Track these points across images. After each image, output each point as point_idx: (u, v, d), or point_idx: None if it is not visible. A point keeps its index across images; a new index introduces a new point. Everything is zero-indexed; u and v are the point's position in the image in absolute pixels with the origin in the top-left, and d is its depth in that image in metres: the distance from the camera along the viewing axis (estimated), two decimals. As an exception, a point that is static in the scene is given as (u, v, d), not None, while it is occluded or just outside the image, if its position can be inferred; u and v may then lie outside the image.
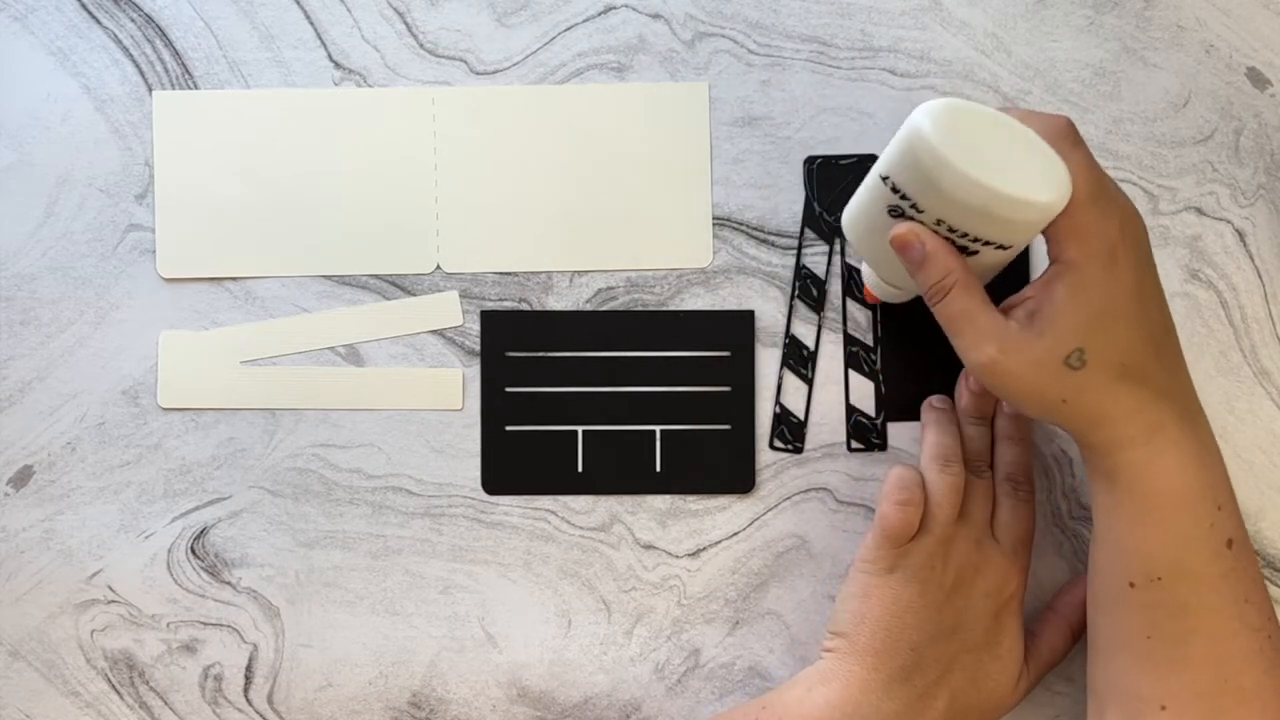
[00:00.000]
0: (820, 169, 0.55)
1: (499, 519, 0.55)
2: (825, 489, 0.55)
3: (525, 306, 0.56)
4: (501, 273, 0.56)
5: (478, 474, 0.56)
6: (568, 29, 0.56)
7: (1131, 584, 0.45)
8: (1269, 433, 0.55)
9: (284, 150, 0.56)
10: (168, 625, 0.55)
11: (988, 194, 0.42)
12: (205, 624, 0.55)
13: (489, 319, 0.56)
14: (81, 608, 0.55)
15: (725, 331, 0.55)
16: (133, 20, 0.56)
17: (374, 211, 0.56)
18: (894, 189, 0.44)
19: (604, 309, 0.56)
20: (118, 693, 0.55)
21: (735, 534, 0.55)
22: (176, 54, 0.56)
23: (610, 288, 0.56)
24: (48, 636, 0.55)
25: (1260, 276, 0.55)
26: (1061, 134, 0.44)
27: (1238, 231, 0.55)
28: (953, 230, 0.44)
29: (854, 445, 0.55)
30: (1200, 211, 0.55)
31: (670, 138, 0.56)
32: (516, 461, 0.55)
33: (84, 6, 0.56)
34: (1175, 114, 0.56)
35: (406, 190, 0.56)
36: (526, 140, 0.56)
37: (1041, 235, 0.44)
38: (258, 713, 0.55)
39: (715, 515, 0.55)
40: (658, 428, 0.55)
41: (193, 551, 0.55)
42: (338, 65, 0.56)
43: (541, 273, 0.56)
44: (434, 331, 0.56)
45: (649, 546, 0.55)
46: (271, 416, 0.56)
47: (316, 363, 0.56)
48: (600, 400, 0.55)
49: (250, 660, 0.55)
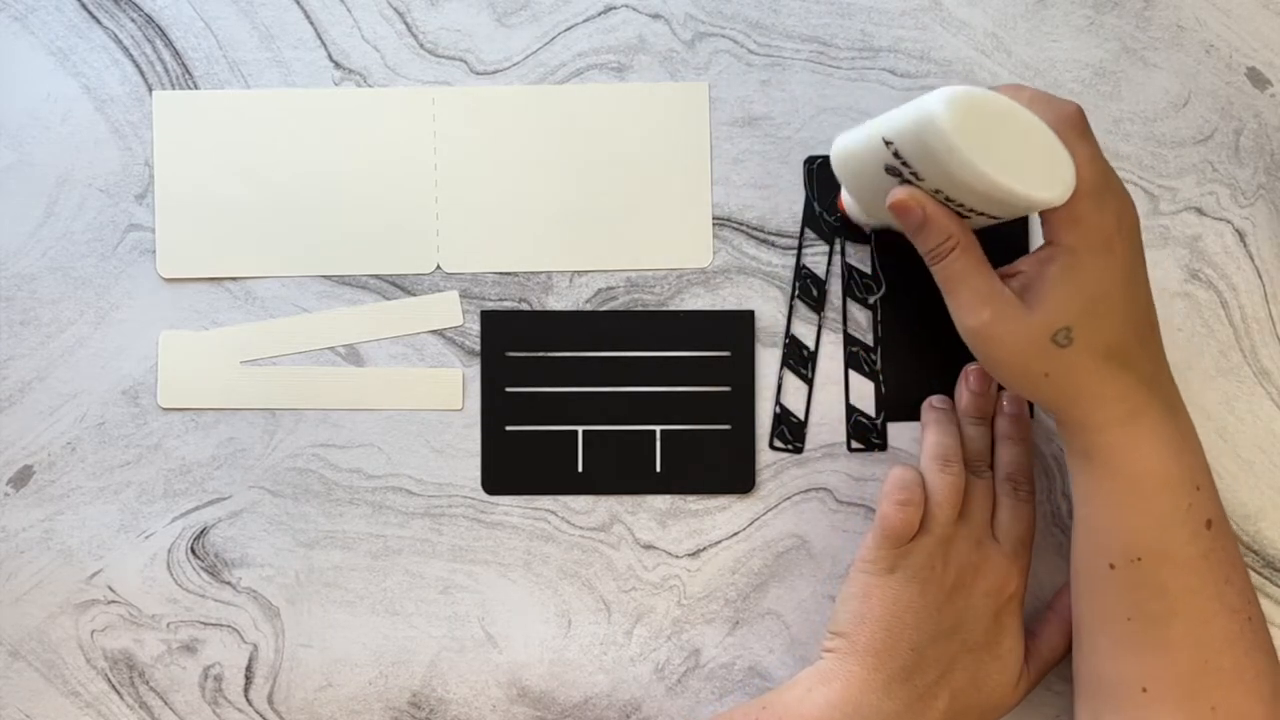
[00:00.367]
0: (820, 169, 0.55)
1: (499, 519, 0.55)
2: (825, 489, 0.55)
3: (525, 306, 0.56)
4: (501, 273, 0.56)
5: (478, 474, 0.56)
6: (568, 29, 0.56)
7: (1111, 565, 0.46)
8: (1269, 433, 0.55)
9: (284, 150, 0.56)
10: (168, 625, 0.55)
11: (992, 185, 0.42)
12: (205, 624, 0.55)
13: (489, 319, 0.56)
14: (81, 608, 0.55)
15: (725, 331, 0.55)
16: (133, 20, 0.56)
17: (374, 211, 0.56)
18: (896, 155, 0.44)
19: (604, 309, 0.56)
20: (118, 693, 0.55)
21: (735, 534, 0.55)
22: (176, 54, 0.56)
23: (610, 288, 0.56)
24: (48, 636, 0.55)
25: (1260, 276, 0.55)
26: (1070, 123, 0.45)
27: (1238, 231, 0.55)
28: (949, 200, 0.44)
29: (854, 445, 0.55)
30: (1200, 211, 0.55)
31: (670, 138, 0.56)
32: (516, 461, 0.55)
33: (84, 6, 0.56)
34: (1175, 114, 0.56)
35: (406, 190, 0.56)
36: (526, 140, 0.56)
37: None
38: (258, 713, 0.55)
39: (715, 515, 0.55)
40: (658, 428, 0.55)
41: (193, 551, 0.55)
42: (338, 65, 0.56)
43: (541, 273, 0.56)
44: (434, 331, 0.56)
45: (649, 546, 0.55)
46: (271, 416, 0.56)
47: (316, 363, 0.56)
48: (600, 400, 0.55)
49: (250, 660, 0.55)
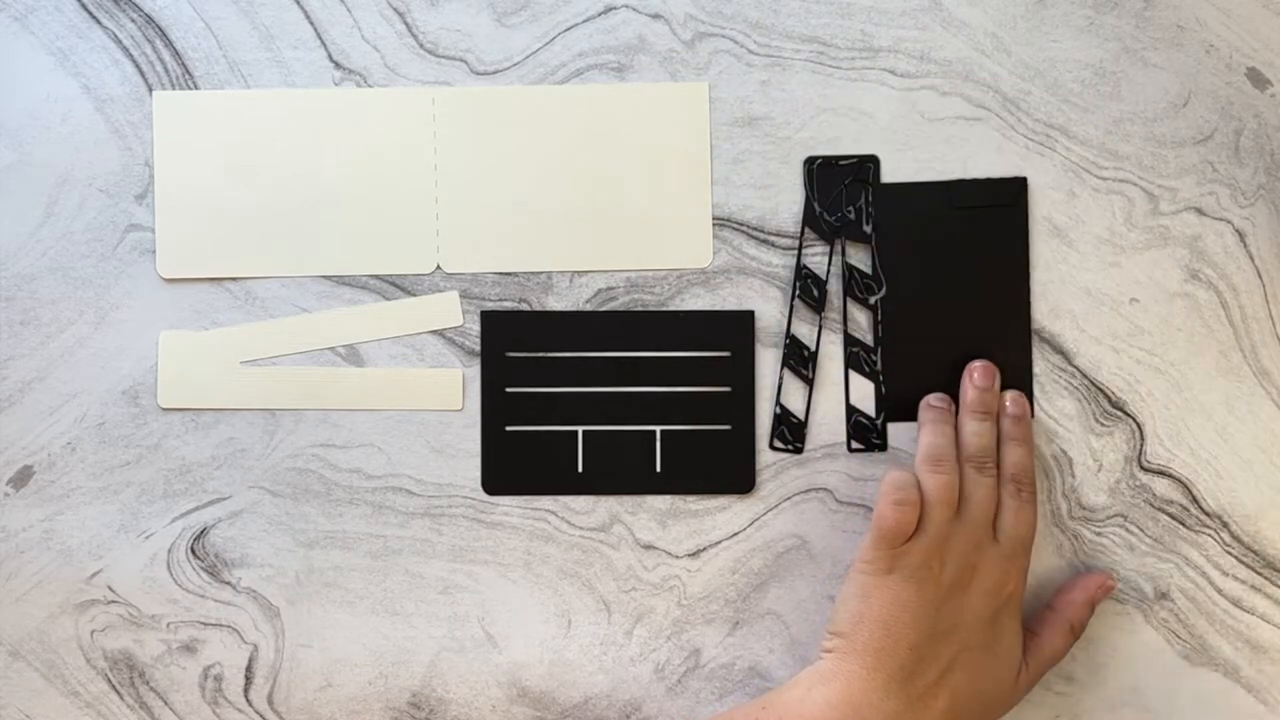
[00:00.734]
0: (820, 169, 0.55)
1: (499, 519, 0.55)
2: (825, 489, 0.55)
3: (525, 306, 0.56)
4: (501, 273, 0.56)
5: (478, 474, 0.56)
6: (568, 29, 0.56)
7: None
8: (1269, 433, 0.55)
9: (284, 150, 0.56)
10: (168, 625, 0.55)
11: None
12: (205, 624, 0.55)
13: (489, 319, 0.56)
14: (81, 608, 0.55)
15: (725, 331, 0.55)
16: (133, 20, 0.56)
17: (374, 211, 0.56)
18: None
19: (604, 309, 0.56)
20: (118, 693, 0.55)
21: (735, 534, 0.55)
22: (176, 54, 0.56)
23: (610, 288, 0.56)
24: (48, 636, 0.55)
25: (1260, 276, 0.55)
26: None
27: (1238, 231, 0.55)
28: None
29: (854, 446, 0.55)
30: (1200, 211, 0.55)
31: (670, 138, 0.56)
32: (516, 461, 0.55)
33: (84, 6, 0.56)
34: (1175, 114, 0.56)
35: (406, 190, 0.56)
36: (526, 140, 0.56)
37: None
38: (258, 713, 0.55)
39: (715, 515, 0.55)
40: (658, 428, 0.55)
41: (193, 552, 0.55)
42: (338, 65, 0.56)
43: (541, 273, 0.56)
44: (434, 331, 0.56)
45: (649, 547, 0.55)
46: (271, 416, 0.56)
47: (316, 363, 0.56)
48: (600, 400, 0.55)
49: (250, 660, 0.55)
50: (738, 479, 0.55)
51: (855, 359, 0.55)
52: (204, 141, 0.56)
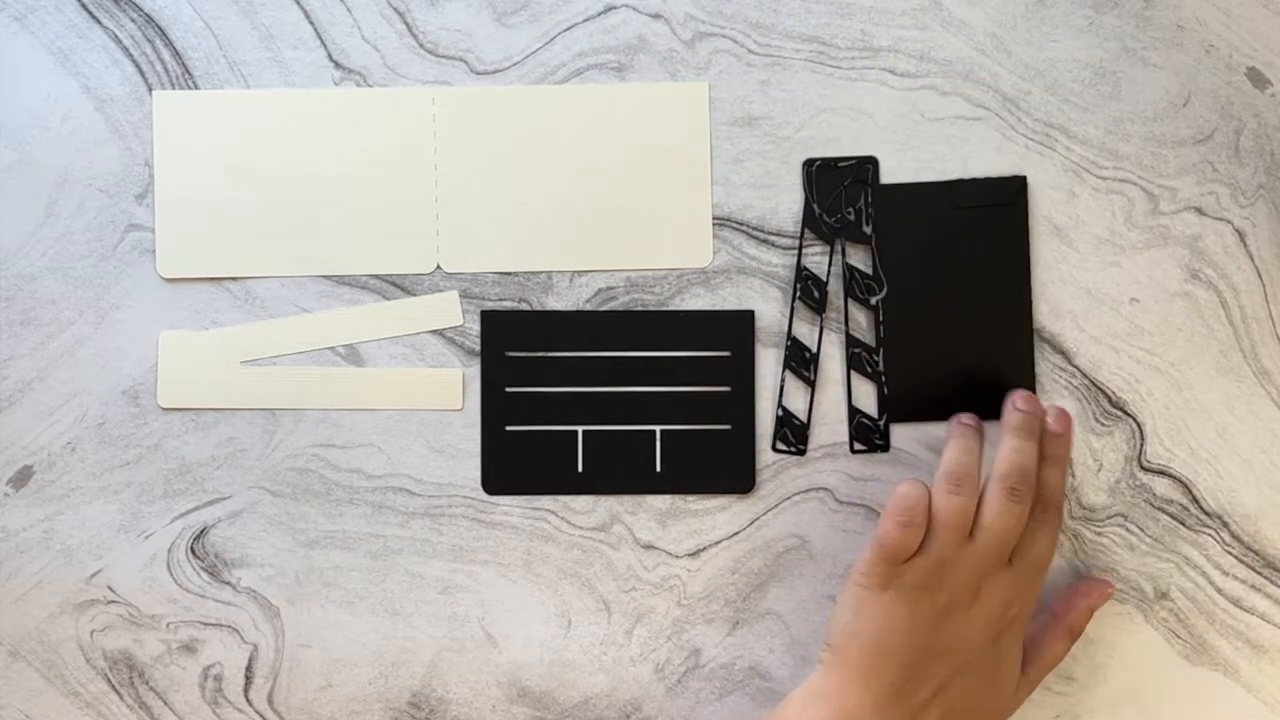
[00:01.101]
0: (819, 171, 0.55)
1: (499, 519, 0.55)
2: (825, 489, 0.55)
3: (525, 306, 0.56)
4: (501, 273, 0.56)
5: (478, 474, 0.56)
6: (568, 29, 0.56)
7: None
8: (1269, 433, 0.55)
9: (284, 150, 0.56)
10: (168, 625, 0.55)
11: None
12: (205, 624, 0.55)
13: (489, 319, 0.56)
14: (81, 608, 0.55)
15: (725, 331, 0.55)
16: (133, 20, 0.56)
17: (374, 211, 0.56)
18: None
19: (604, 309, 0.56)
20: (118, 693, 0.55)
21: (735, 534, 0.55)
22: (176, 54, 0.56)
23: (610, 288, 0.56)
24: (48, 636, 0.55)
25: (1260, 276, 0.55)
26: None
27: (1238, 231, 0.55)
28: None
29: (857, 447, 0.55)
30: (1200, 211, 0.55)
31: (670, 138, 0.56)
32: (516, 461, 0.55)
33: (84, 6, 0.56)
34: (1175, 114, 0.56)
35: (406, 190, 0.56)
36: (526, 140, 0.56)
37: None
38: (258, 713, 0.55)
39: (715, 515, 0.55)
40: (658, 428, 0.55)
41: (193, 551, 0.55)
42: (338, 65, 0.56)
43: (541, 273, 0.56)
44: (434, 331, 0.56)
45: (649, 546, 0.55)
46: (271, 416, 0.56)
47: (316, 363, 0.56)
48: (600, 400, 0.55)
49: (250, 660, 0.55)
50: (738, 479, 0.55)
51: (857, 360, 0.55)
52: (204, 141, 0.56)
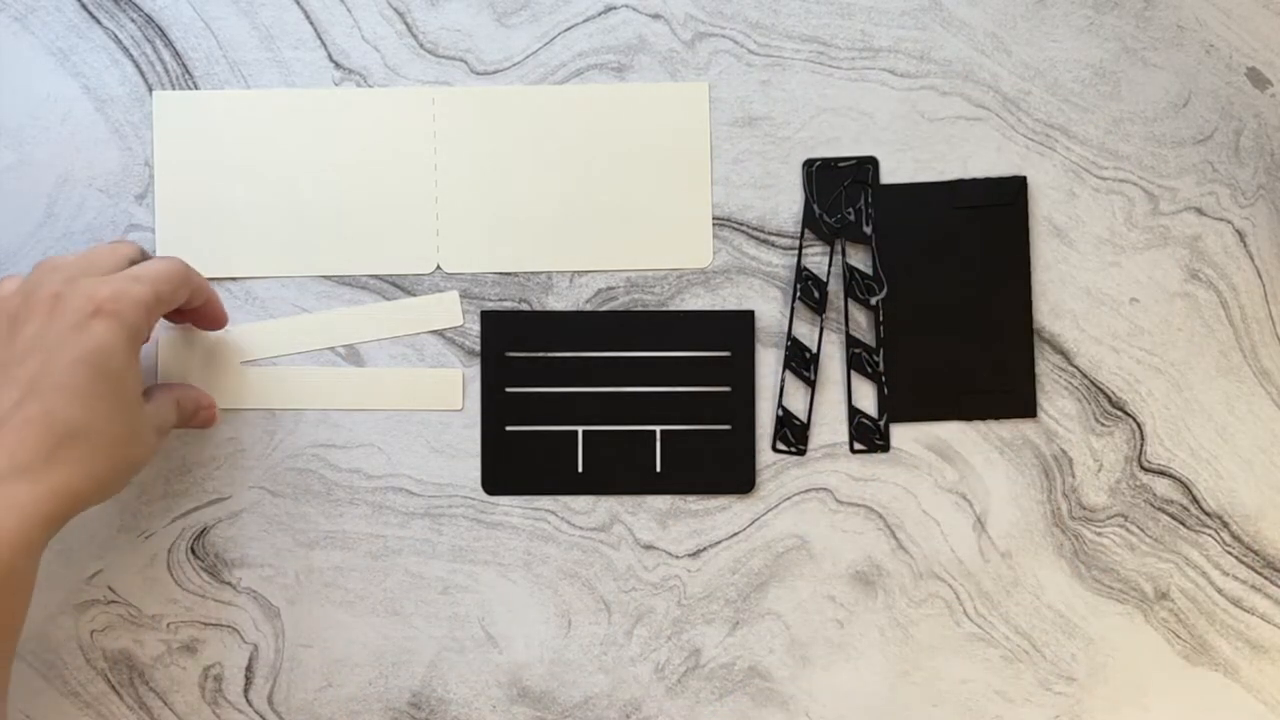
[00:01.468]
0: (819, 172, 0.55)
1: (499, 519, 0.55)
2: (825, 489, 0.55)
3: (525, 306, 0.56)
4: (501, 273, 0.56)
5: (478, 474, 0.56)
6: (568, 29, 0.56)
7: None
8: (1269, 433, 0.55)
9: (284, 150, 0.56)
10: (168, 625, 0.55)
11: None
12: (205, 624, 0.55)
13: (489, 319, 0.56)
14: (81, 608, 0.55)
15: (725, 331, 0.55)
16: (133, 20, 0.56)
17: (374, 211, 0.56)
18: None
19: (604, 309, 0.56)
20: (117, 693, 0.55)
21: (735, 534, 0.55)
22: (176, 54, 0.56)
23: (610, 288, 0.56)
24: (48, 636, 0.55)
25: (1260, 276, 0.55)
26: None
27: (1238, 231, 0.55)
28: None
29: (857, 447, 0.55)
30: (1200, 211, 0.55)
31: (670, 138, 0.56)
32: (516, 461, 0.55)
33: (84, 6, 0.56)
34: (1175, 114, 0.56)
35: (406, 190, 0.56)
36: (526, 140, 0.56)
37: None
38: (258, 713, 0.55)
39: (715, 515, 0.55)
40: (658, 428, 0.55)
41: (193, 551, 0.55)
42: (338, 65, 0.56)
43: (541, 273, 0.56)
44: (434, 331, 0.56)
45: (649, 546, 0.55)
46: (271, 416, 0.56)
47: (316, 363, 0.56)
48: (600, 400, 0.55)
49: (250, 660, 0.55)
50: (738, 479, 0.55)
51: (857, 360, 0.55)
52: (204, 141, 0.56)
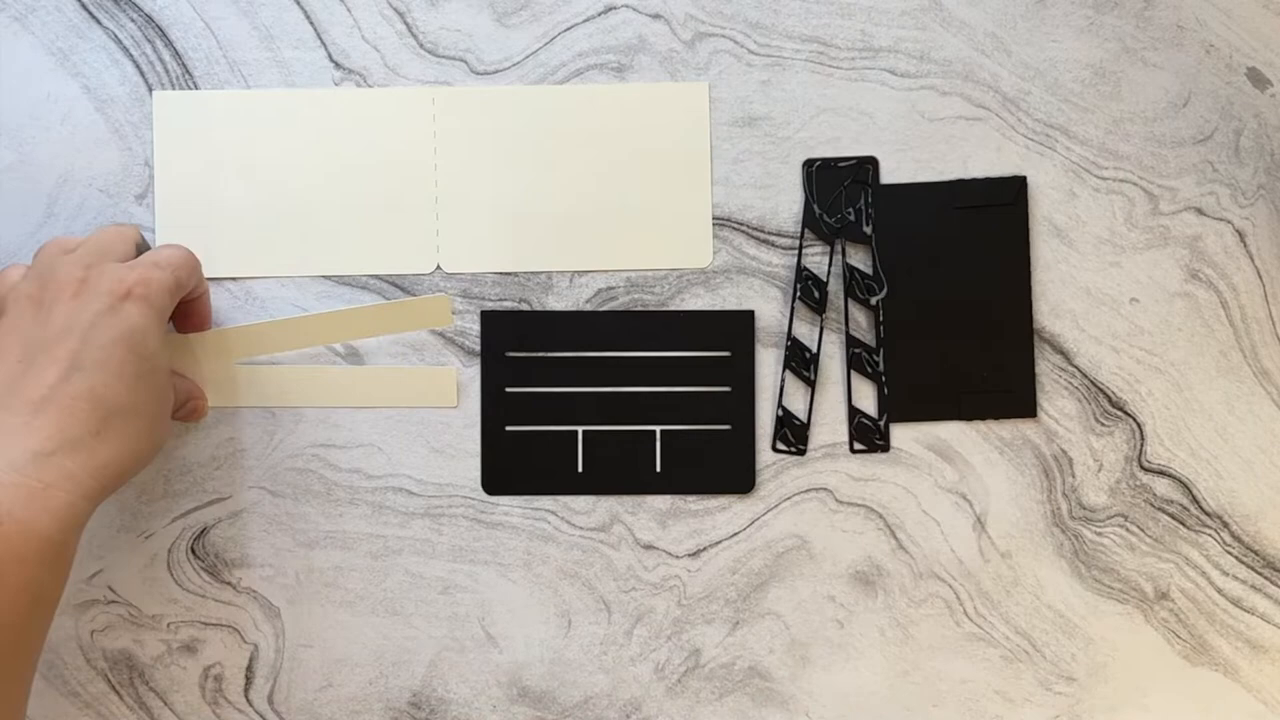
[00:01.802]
0: (819, 171, 0.55)
1: (499, 519, 0.55)
2: (825, 489, 0.55)
3: (525, 306, 0.56)
4: (501, 273, 0.56)
5: (478, 474, 0.56)
6: (568, 29, 0.56)
7: None
8: (1269, 433, 0.55)
9: (284, 150, 0.56)
10: (168, 625, 0.55)
11: None
12: (205, 624, 0.55)
13: (489, 319, 0.56)
14: (81, 608, 0.55)
15: (725, 331, 0.55)
16: (133, 20, 0.56)
17: (374, 211, 0.56)
18: None
19: (604, 309, 0.56)
20: (117, 693, 0.55)
21: (735, 534, 0.55)
22: (176, 54, 0.56)
23: (610, 288, 0.56)
24: (48, 637, 0.55)
25: (1260, 276, 0.55)
26: None
27: (1238, 231, 0.55)
28: None
29: (857, 447, 0.55)
30: (1200, 211, 0.55)
31: (670, 138, 0.56)
32: (516, 461, 0.55)
33: (84, 6, 0.56)
34: (1175, 114, 0.56)
35: (406, 190, 0.56)
36: (526, 140, 0.56)
37: None
38: (258, 713, 0.55)
39: (715, 515, 0.55)
40: (658, 428, 0.55)
41: (193, 551, 0.55)
42: (338, 65, 0.56)
43: (541, 273, 0.56)
44: (434, 332, 0.56)
45: (649, 546, 0.55)
46: (271, 416, 0.56)
47: (316, 363, 0.56)
48: (600, 400, 0.55)
49: (250, 660, 0.55)
50: (738, 479, 0.55)
51: (857, 360, 0.55)
52: (204, 141, 0.56)
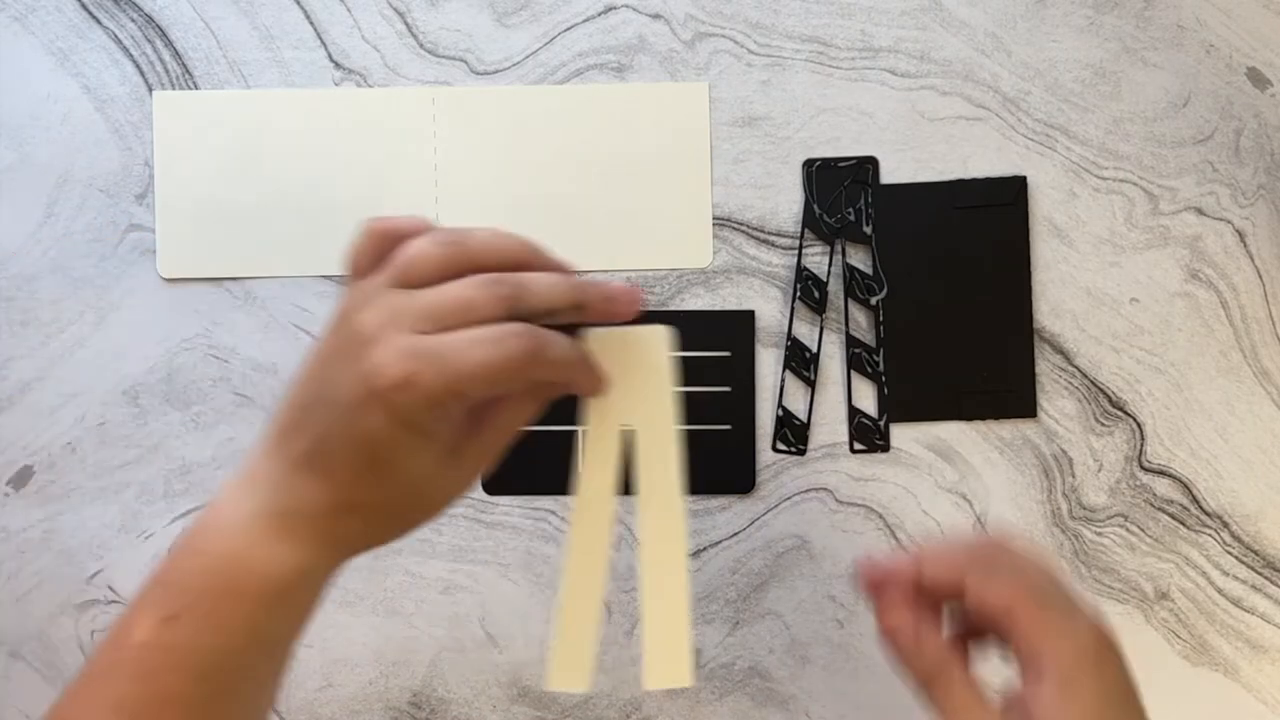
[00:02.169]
0: (819, 171, 0.55)
1: (499, 519, 0.55)
2: (825, 489, 0.55)
3: (525, 306, 0.56)
4: (502, 273, 0.56)
5: (478, 474, 0.55)
6: (568, 29, 0.56)
7: None
8: (1269, 433, 0.55)
9: (284, 150, 0.56)
10: (168, 625, 0.55)
11: None
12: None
13: (489, 319, 0.56)
14: (82, 608, 0.55)
15: (725, 331, 0.55)
16: (133, 20, 0.56)
17: (374, 211, 0.56)
18: None
19: (604, 309, 0.56)
20: (118, 693, 0.55)
21: (735, 534, 0.55)
22: (176, 54, 0.56)
23: (610, 288, 0.56)
24: (48, 636, 0.55)
25: (1260, 276, 0.55)
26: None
27: (1238, 231, 0.55)
28: None
29: (857, 447, 0.55)
30: (1200, 211, 0.55)
31: (670, 138, 0.56)
32: (516, 461, 0.55)
33: (84, 6, 0.56)
34: (1175, 114, 0.56)
35: (406, 190, 0.56)
36: (526, 140, 0.56)
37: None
38: (258, 713, 0.55)
39: (715, 515, 0.55)
40: (658, 428, 0.55)
41: (193, 552, 0.55)
42: (338, 65, 0.56)
43: (542, 273, 0.56)
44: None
45: (649, 546, 0.55)
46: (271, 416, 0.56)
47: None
48: (600, 400, 0.55)
49: (250, 660, 0.55)
50: (738, 479, 0.55)
51: (857, 360, 0.55)
52: (204, 141, 0.56)
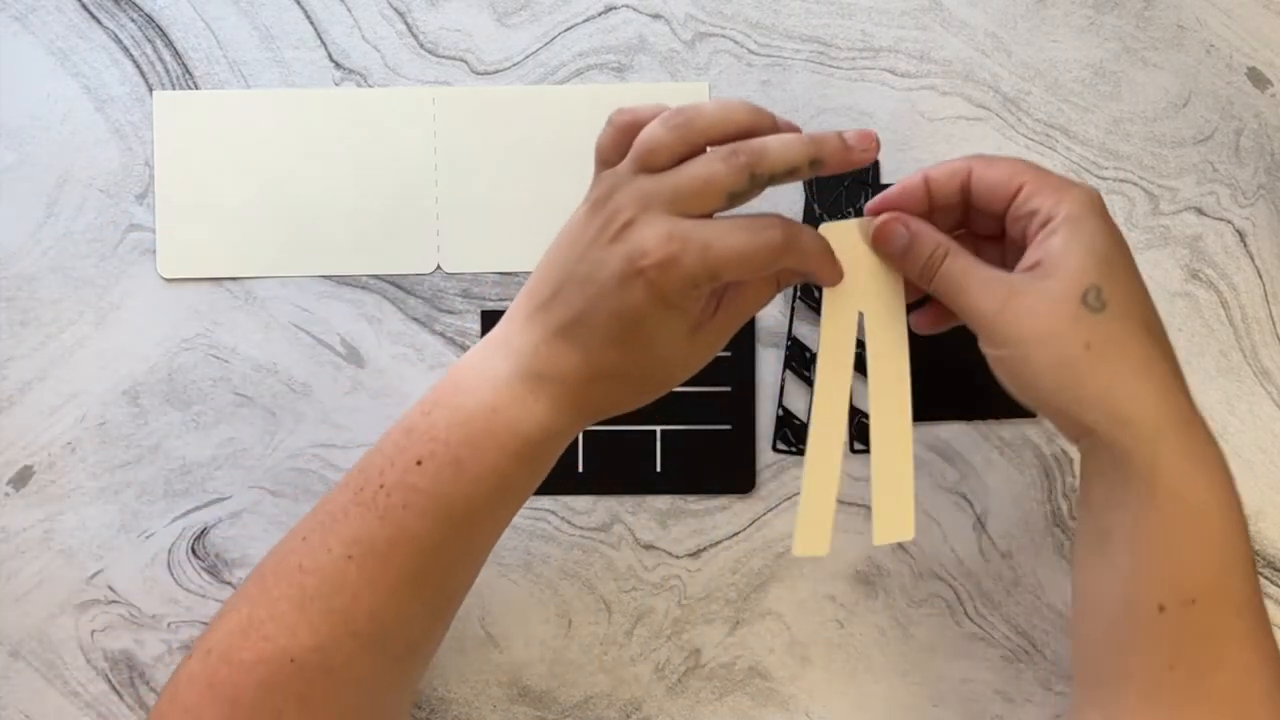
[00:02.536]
0: (820, 169, 0.55)
1: (499, 519, 0.55)
2: (825, 489, 0.55)
3: (525, 306, 0.56)
4: (501, 273, 0.56)
5: (478, 474, 0.55)
6: (568, 29, 0.56)
7: (1161, 607, 0.39)
8: (1269, 433, 0.55)
9: (284, 150, 0.56)
10: (168, 625, 0.55)
11: None
12: (205, 624, 0.55)
13: (489, 319, 0.56)
14: (82, 608, 0.55)
15: (725, 331, 0.55)
16: (133, 20, 0.56)
17: (374, 211, 0.56)
18: None
19: (604, 309, 0.56)
20: (118, 693, 0.55)
21: (735, 534, 0.55)
22: (176, 54, 0.56)
23: (610, 288, 0.56)
24: (48, 636, 0.55)
25: (1260, 276, 0.55)
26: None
27: (1238, 231, 0.55)
28: None
29: (856, 446, 0.55)
30: (1200, 211, 0.55)
31: (670, 138, 0.56)
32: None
33: (84, 6, 0.56)
34: (1175, 114, 0.56)
35: (406, 190, 0.56)
36: (526, 140, 0.56)
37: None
38: (258, 713, 0.55)
39: (715, 515, 0.55)
40: (658, 428, 0.55)
41: (193, 552, 0.55)
42: (338, 65, 0.56)
43: (542, 273, 0.56)
44: (434, 332, 0.56)
45: (649, 546, 0.55)
46: (272, 417, 0.56)
47: (316, 361, 0.56)
48: (600, 400, 0.55)
49: (250, 660, 0.55)
50: (738, 479, 0.55)
51: (857, 360, 0.55)
52: (204, 141, 0.56)
